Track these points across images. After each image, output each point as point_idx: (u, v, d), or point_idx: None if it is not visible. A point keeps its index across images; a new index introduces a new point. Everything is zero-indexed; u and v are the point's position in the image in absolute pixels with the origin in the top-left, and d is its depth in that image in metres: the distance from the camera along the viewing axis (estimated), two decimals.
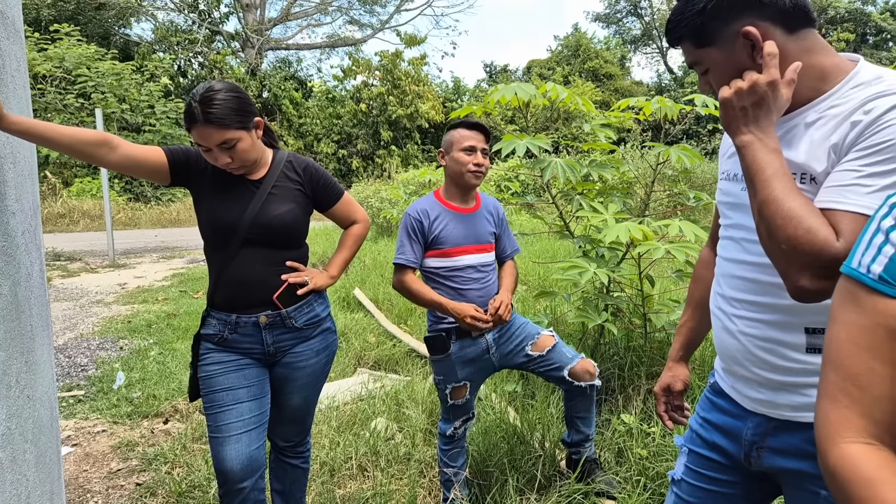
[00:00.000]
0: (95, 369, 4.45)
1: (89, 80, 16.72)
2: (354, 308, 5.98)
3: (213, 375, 1.89)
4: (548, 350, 2.34)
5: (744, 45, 1.06)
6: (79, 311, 6.45)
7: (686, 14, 1.12)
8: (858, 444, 0.72)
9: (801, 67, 1.05)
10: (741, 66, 1.07)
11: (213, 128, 1.73)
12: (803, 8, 1.07)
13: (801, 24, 1.07)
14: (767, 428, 1.19)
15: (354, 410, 3.37)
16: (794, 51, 1.06)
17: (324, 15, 28.01)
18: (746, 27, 1.05)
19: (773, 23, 1.06)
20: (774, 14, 1.06)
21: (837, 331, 0.77)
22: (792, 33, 1.07)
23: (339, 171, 22.75)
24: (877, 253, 0.73)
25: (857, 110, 0.99)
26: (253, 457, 1.86)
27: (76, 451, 3.18)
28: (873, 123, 0.96)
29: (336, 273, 2.10)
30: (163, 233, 14.28)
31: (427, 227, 2.26)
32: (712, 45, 1.10)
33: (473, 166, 2.24)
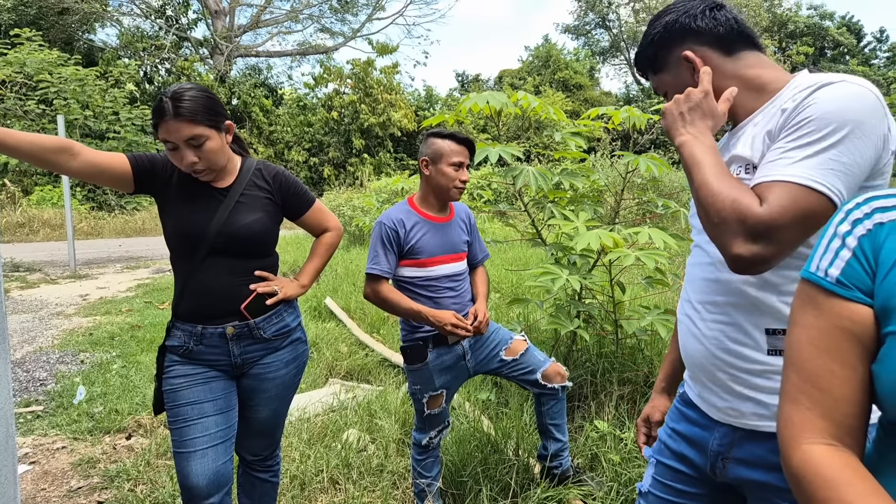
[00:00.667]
0: (55, 384, 4.29)
1: (51, 86, 16.27)
2: (326, 317, 5.91)
3: (177, 389, 1.83)
4: (521, 354, 2.37)
5: (686, 67, 1.23)
6: (38, 324, 6.24)
7: (642, 47, 1.31)
8: (820, 446, 0.73)
9: (744, 80, 1.19)
10: (688, 85, 1.22)
11: (182, 121, 1.68)
12: (738, 32, 1.22)
13: (738, 47, 1.22)
14: (733, 438, 1.20)
15: (326, 422, 3.32)
16: (730, 69, 1.21)
17: (294, 22, 27.84)
18: (685, 52, 1.22)
19: (709, 47, 1.22)
20: (710, 39, 1.22)
21: (797, 333, 0.78)
22: (730, 55, 1.21)
23: (310, 179, 22.56)
24: (834, 257, 0.75)
25: (788, 99, 1.09)
26: (219, 472, 1.80)
27: (34, 469, 3.05)
28: (798, 106, 1.05)
29: (307, 282, 2.06)
30: (127, 242, 13.94)
31: (403, 237, 2.22)
32: (664, 70, 1.28)
33: (460, 182, 2.24)
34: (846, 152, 0.98)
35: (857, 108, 1.00)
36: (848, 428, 0.73)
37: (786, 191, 0.98)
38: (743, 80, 1.19)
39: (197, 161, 1.74)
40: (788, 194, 0.97)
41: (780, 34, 33.08)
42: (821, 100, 1.02)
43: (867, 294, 0.73)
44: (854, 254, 0.74)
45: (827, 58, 33.68)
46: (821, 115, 1.00)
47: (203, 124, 1.72)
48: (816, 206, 0.97)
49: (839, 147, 0.98)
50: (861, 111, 1.00)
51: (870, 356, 0.72)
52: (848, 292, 0.73)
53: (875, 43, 35.31)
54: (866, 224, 0.74)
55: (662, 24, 1.26)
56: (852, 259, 0.74)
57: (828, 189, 0.97)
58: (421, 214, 2.28)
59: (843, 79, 1.03)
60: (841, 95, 1.01)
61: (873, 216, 0.74)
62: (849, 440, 0.73)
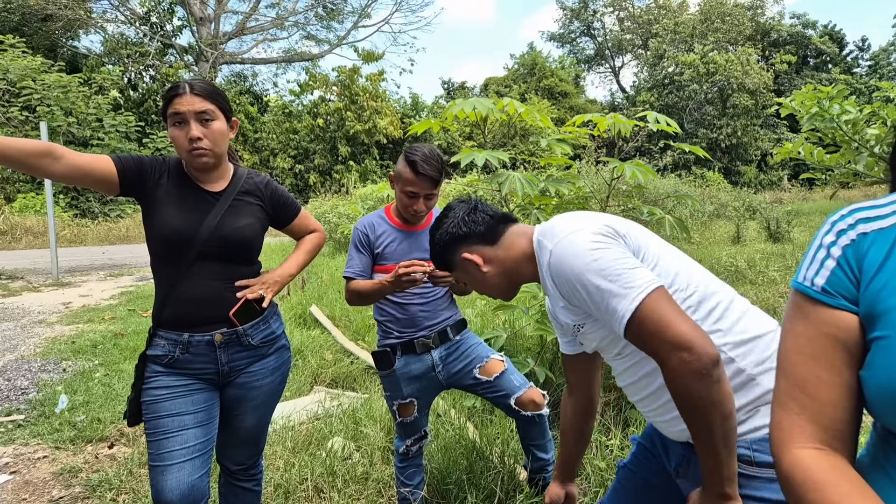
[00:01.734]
0: (37, 392, 4.23)
1: (34, 93, 16.13)
2: (311, 325, 5.88)
3: (158, 400, 1.78)
4: (496, 376, 2.29)
5: (471, 264, 1.49)
6: (20, 332, 6.15)
7: (432, 254, 1.59)
8: (809, 450, 0.75)
9: (515, 258, 1.45)
10: (478, 278, 1.50)
11: (196, 96, 1.74)
12: (495, 223, 1.50)
13: (499, 232, 1.49)
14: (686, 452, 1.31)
15: (310, 430, 3.30)
16: (500, 255, 1.47)
17: (280, 30, 27.82)
18: (464, 254, 1.49)
19: (479, 244, 1.49)
20: (476, 239, 1.49)
21: (786, 341, 0.81)
22: (494, 243, 1.48)
23: (296, 186, 22.49)
24: (819, 267, 0.78)
25: (545, 276, 1.35)
26: (195, 486, 1.76)
27: (15, 478, 3.01)
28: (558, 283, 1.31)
29: (293, 271, 2.03)
30: (111, 250, 13.80)
31: (373, 241, 2.25)
32: (455, 270, 1.55)
33: (413, 209, 2.20)
34: (616, 262, 1.20)
35: (583, 249, 1.24)
36: (836, 432, 0.75)
37: (640, 313, 1.15)
38: (514, 259, 1.45)
39: (201, 138, 1.75)
40: (643, 314, 1.14)
41: (763, 43, 33.56)
42: (563, 268, 1.26)
43: (852, 301, 0.75)
44: (838, 263, 0.76)
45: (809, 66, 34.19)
46: (576, 274, 1.23)
47: (215, 104, 1.78)
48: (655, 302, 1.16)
49: (608, 268, 1.19)
50: (587, 250, 1.23)
51: (857, 362, 0.75)
52: (833, 300, 0.76)
53: (857, 51, 35.94)
54: (850, 234, 0.77)
55: (439, 236, 1.54)
56: (837, 268, 0.76)
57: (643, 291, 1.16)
58: (392, 222, 2.29)
59: (557, 242, 1.29)
60: (567, 254, 1.26)
61: (857, 227, 0.77)
62: (837, 444, 0.75)
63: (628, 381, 1.38)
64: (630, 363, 1.34)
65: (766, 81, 28.87)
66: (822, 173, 4.98)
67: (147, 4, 23.87)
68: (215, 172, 1.87)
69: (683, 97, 29.01)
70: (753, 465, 1.18)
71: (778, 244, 10.57)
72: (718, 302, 1.26)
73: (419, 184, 2.14)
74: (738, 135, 28.39)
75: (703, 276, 1.31)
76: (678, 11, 33.70)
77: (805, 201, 22.50)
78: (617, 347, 1.34)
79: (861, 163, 4.21)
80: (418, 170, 2.12)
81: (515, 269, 1.46)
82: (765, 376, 1.21)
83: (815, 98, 4.23)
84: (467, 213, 1.52)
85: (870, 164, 4.17)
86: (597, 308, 1.22)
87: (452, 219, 1.53)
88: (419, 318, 2.26)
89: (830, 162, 4.40)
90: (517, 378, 2.35)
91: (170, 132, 1.78)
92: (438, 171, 2.16)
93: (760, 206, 14.69)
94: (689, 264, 1.33)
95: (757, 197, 19.01)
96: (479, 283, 1.52)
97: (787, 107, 4.43)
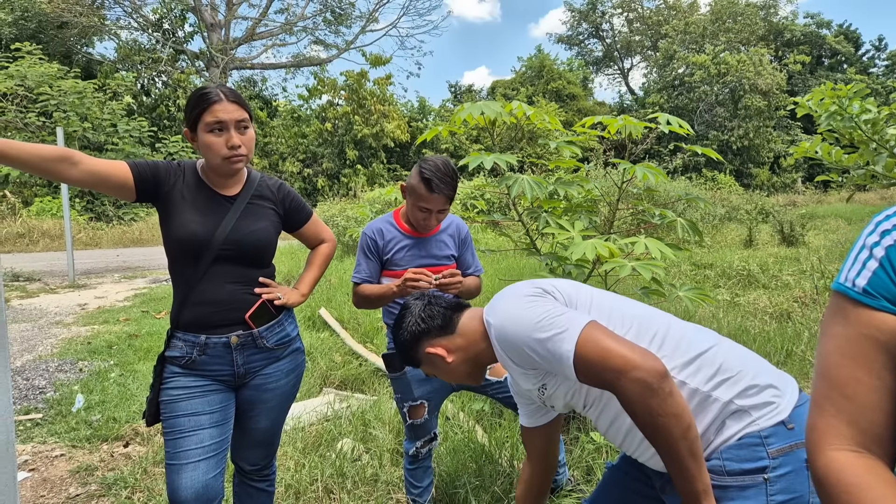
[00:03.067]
0: (54, 392, 4.31)
1: (51, 99, 16.37)
2: (320, 327, 5.93)
3: (176, 400, 1.83)
4: (505, 377, 2.30)
5: (434, 356, 1.54)
6: (37, 333, 6.25)
7: (399, 352, 1.65)
8: (844, 452, 0.74)
9: (472, 343, 1.52)
10: (444, 369, 1.56)
11: (235, 105, 1.79)
12: (450, 313, 1.57)
13: (454, 322, 1.56)
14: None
15: (320, 431, 3.34)
16: (460, 343, 1.53)
17: (289, 35, 27.99)
18: (427, 349, 1.55)
19: (439, 336, 1.55)
20: (436, 332, 1.55)
21: (825, 343, 0.80)
22: (453, 332, 1.55)
23: (304, 190, 22.60)
24: (861, 268, 0.77)
25: (501, 352, 1.44)
26: (209, 485, 1.80)
27: (33, 476, 3.07)
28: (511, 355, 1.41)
29: (306, 291, 2.08)
30: (125, 252, 13.94)
31: (381, 247, 2.27)
32: (422, 364, 1.61)
33: (425, 223, 2.23)
34: (547, 313, 1.30)
35: (518, 314, 1.36)
36: (874, 436, 0.73)
37: (580, 349, 1.23)
38: (473, 342, 1.51)
39: (240, 145, 1.80)
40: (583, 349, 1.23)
41: (777, 43, 33.30)
42: (508, 337, 1.37)
43: (894, 303, 0.74)
44: (881, 264, 0.75)
45: (824, 66, 33.84)
46: (520, 338, 1.33)
47: (247, 111, 1.84)
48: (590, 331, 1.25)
49: (542, 320, 1.29)
50: (521, 311, 1.35)
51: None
52: (874, 301, 0.74)
53: (873, 51, 35.56)
54: (894, 235, 0.75)
55: (401, 336, 1.60)
56: (879, 269, 0.75)
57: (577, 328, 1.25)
58: (401, 227, 2.30)
59: (497, 317, 1.41)
60: (507, 325, 1.37)
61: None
62: (875, 448, 0.74)
63: (605, 428, 1.42)
64: (599, 409, 1.39)
65: (779, 82, 28.62)
66: (838, 175, 4.90)
67: (159, 11, 24.14)
68: (233, 177, 1.91)
69: (694, 98, 28.85)
70: (725, 475, 1.19)
71: (792, 248, 10.43)
72: (657, 330, 1.32)
73: (433, 200, 2.15)
74: (750, 137, 28.14)
75: (637, 309, 1.40)
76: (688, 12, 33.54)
77: (820, 204, 22.21)
78: (582, 398, 1.41)
79: (880, 164, 4.10)
80: (433, 188, 2.12)
81: (475, 353, 1.53)
82: (718, 390, 1.23)
83: (833, 96, 4.13)
84: (422, 310, 1.59)
85: (889, 166, 4.06)
86: (547, 362, 1.30)
87: (410, 317, 1.59)
88: None
89: (849, 162, 4.29)
90: None
91: (204, 138, 1.78)
92: (453, 187, 2.17)
93: (773, 209, 14.49)
94: (621, 301, 1.45)
95: (770, 200, 18.77)
96: (448, 373, 1.58)
97: (804, 106, 4.34)
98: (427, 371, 1.63)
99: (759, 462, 1.16)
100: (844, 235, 11.53)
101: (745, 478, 1.16)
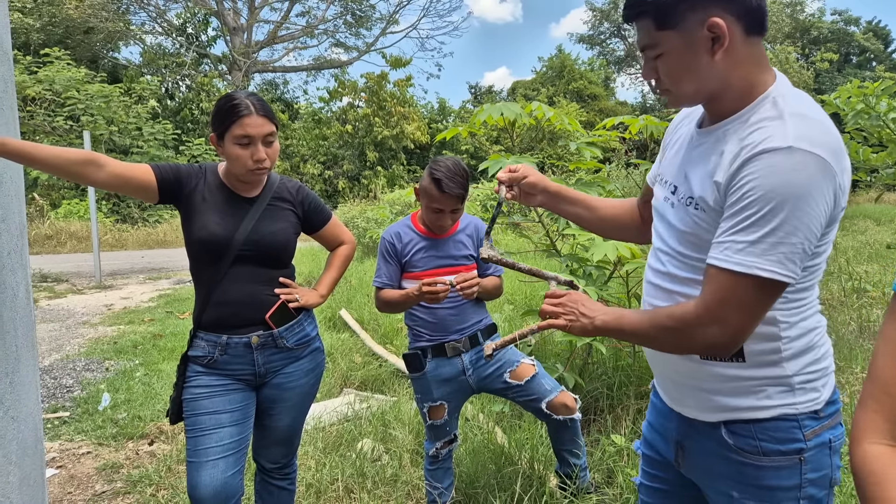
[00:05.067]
0: (81, 390, 4.40)
1: (78, 103, 16.72)
2: (341, 328, 5.97)
3: (198, 398, 1.87)
4: (526, 380, 2.31)
5: (706, 37, 1.04)
6: (65, 332, 6.38)
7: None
8: (880, 446, 0.75)
9: (742, 74, 1.07)
10: (697, 58, 1.06)
11: (264, 118, 1.80)
12: (763, 13, 1.07)
13: (756, 30, 1.07)
14: (687, 428, 1.26)
15: (341, 431, 3.36)
16: (744, 55, 1.07)
17: (310, 38, 28.22)
18: (715, 17, 1.02)
19: (737, 19, 1.04)
20: (741, 11, 1.04)
21: (878, 345, 0.81)
22: (748, 36, 1.06)
23: (325, 191, 22.75)
24: None
25: (735, 155, 1.04)
26: (228, 483, 1.83)
27: (61, 473, 3.14)
28: (737, 174, 1.02)
29: (325, 292, 2.11)
30: (149, 254, 14.17)
31: (399, 251, 2.30)
32: (675, 28, 1.06)
33: (439, 224, 2.25)
34: (793, 231, 0.97)
35: (799, 182, 0.96)
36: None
37: (726, 281, 1.01)
38: (741, 74, 1.07)
39: (265, 158, 1.82)
40: (727, 285, 1.01)
41: (804, 40, 32.70)
42: (762, 173, 0.98)
43: None
44: None
45: (852, 64, 33.15)
46: (763, 193, 0.97)
47: (274, 124, 1.85)
48: (761, 289, 1.00)
49: (784, 227, 0.97)
50: (804, 184, 0.96)
51: None
52: None
53: None
54: None
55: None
56: None
57: (774, 273, 0.98)
58: (419, 230, 2.32)
59: (789, 144, 0.97)
60: (782, 168, 0.97)
61: None
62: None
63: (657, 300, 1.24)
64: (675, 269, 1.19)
65: (806, 80, 28.12)
66: (866, 174, 4.81)
67: (183, 16, 24.50)
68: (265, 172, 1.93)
69: None
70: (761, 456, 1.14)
71: None
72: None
73: (444, 201, 2.18)
74: None
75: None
76: None
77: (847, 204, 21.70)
78: (681, 247, 1.16)
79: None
80: (443, 188, 2.15)
81: (728, 81, 1.07)
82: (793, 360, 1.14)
83: (860, 94, 4.07)
84: None
85: None
86: (725, 223, 1.02)
87: None
88: (449, 321, 2.29)
89: (877, 161, 4.23)
90: (548, 382, 2.35)
91: (232, 149, 1.81)
92: (464, 187, 2.19)
93: None
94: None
95: None
96: (678, 70, 1.09)
97: (831, 104, 4.28)
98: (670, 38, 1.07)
99: (795, 444, 1.13)
100: (873, 236, 11.26)
101: (782, 458, 1.13)
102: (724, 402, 1.16)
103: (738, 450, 1.15)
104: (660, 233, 1.24)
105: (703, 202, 1.09)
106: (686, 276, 1.16)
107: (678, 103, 1.17)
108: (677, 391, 1.26)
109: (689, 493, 1.33)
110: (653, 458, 1.40)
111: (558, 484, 2.53)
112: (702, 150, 1.14)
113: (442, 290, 2.08)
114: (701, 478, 1.26)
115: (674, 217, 1.18)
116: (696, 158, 1.15)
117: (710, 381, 1.16)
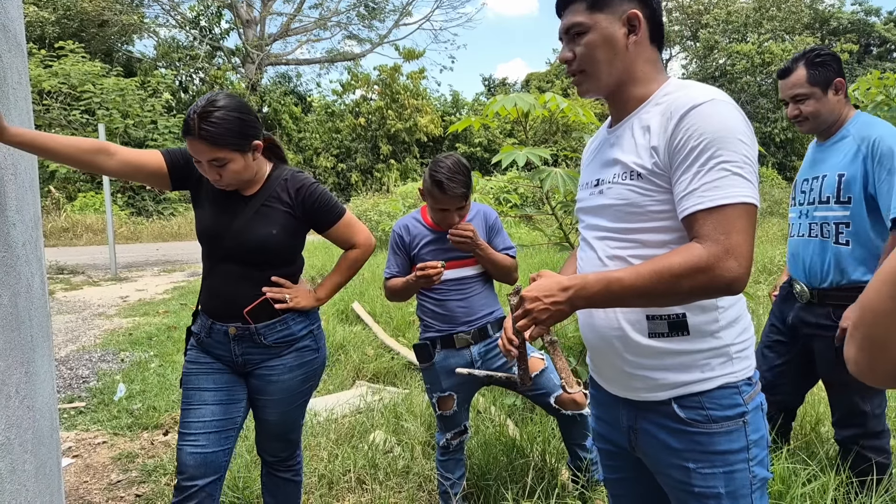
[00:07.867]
0: (97, 381, 4.45)
1: (94, 96, 16.87)
2: (353, 321, 5.98)
3: (188, 373, 1.95)
4: (535, 375, 2.28)
5: (625, 23, 1.23)
6: (81, 324, 6.46)
7: None
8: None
9: (638, 71, 1.24)
10: (615, 43, 1.23)
11: (204, 144, 1.69)
12: (663, 33, 1.29)
13: (658, 40, 1.27)
14: (636, 412, 1.30)
15: (353, 423, 3.37)
16: (648, 54, 1.25)
17: (323, 30, 28.23)
18: (634, 10, 1.22)
19: (647, 21, 1.24)
20: (651, 16, 1.25)
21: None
22: (651, 42, 1.26)
23: (337, 185, 22.81)
24: None
25: (665, 114, 1.17)
26: (208, 459, 1.86)
27: (76, 462, 3.18)
28: (676, 132, 1.14)
29: (323, 297, 2.04)
30: (164, 247, 14.31)
31: (408, 243, 2.34)
32: (603, 10, 1.23)
33: (446, 223, 2.24)
34: (746, 162, 1.10)
35: (734, 124, 1.12)
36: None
37: (722, 216, 1.08)
38: (645, 68, 1.25)
39: (219, 178, 1.78)
40: (726, 218, 1.08)
41: (822, 31, 32.16)
42: (701, 122, 1.12)
43: None
44: None
45: (872, 55, 32.55)
46: (711, 137, 1.10)
47: (226, 148, 1.71)
48: (750, 216, 1.09)
49: (738, 161, 1.09)
50: (738, 125, 1.12)
51: None
52: None
53: None
54: None
55: None
56: None
57: (753, 199, 1.10)
58: (427, 223, 2.34)
59: (711, 97, 1.14)
60: (716, 114, 1.12)
61: None
62: None
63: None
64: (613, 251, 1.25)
65: None
66: None
67: (196, 9, 24.61)
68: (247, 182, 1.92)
69: (735, 90, 28.08)
70: (711, 423, 1.22)
71: None
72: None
73: (448, 201, 2.19)
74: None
75: None
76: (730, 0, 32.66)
77: None
78: (618, 222, 1.24)
79: None
80: (445, 190, 2.15)
81: (633, 71, 1.24)
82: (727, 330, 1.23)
83: (880, 86, 4.03)
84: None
85: None
86: (685, 176, 1.12)
87: None
88: (457, 313, 2.30)
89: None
90: (557, 377, 2.32)
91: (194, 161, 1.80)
92: (466, 184, 2.20)
93: None
94: None
95: None
96: (597, 50, 1.23)
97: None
98: (598, 19, 1.23)
99: (738, 409, 1.23)
100: None
101: (729, 423, 1.22)
102: (672, 378, 1.22)
103: (690, 421, 1.22)
104: (591, 225, 1.32)
105: (640, 167, 1.20)
106: (619, 255, 1.24)
107: (589, 88, 1.29)
108: (625, 377, 1.29)
109: (653, 478, 1.37)
110: (609, 450, 1.44)
111: (570, 477, 2.52)
112: (619, 141, 1.27)
113: (434, 272, 2.13)
114: (656, 457, 1.30)
115: (607, 198, 1.27)
116: (616, 148, 1.27)
117: (658, 359, 1.23)
